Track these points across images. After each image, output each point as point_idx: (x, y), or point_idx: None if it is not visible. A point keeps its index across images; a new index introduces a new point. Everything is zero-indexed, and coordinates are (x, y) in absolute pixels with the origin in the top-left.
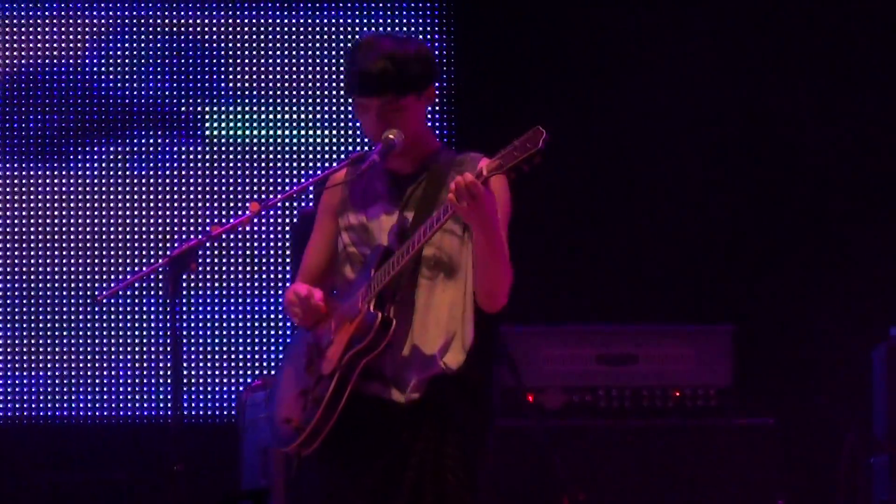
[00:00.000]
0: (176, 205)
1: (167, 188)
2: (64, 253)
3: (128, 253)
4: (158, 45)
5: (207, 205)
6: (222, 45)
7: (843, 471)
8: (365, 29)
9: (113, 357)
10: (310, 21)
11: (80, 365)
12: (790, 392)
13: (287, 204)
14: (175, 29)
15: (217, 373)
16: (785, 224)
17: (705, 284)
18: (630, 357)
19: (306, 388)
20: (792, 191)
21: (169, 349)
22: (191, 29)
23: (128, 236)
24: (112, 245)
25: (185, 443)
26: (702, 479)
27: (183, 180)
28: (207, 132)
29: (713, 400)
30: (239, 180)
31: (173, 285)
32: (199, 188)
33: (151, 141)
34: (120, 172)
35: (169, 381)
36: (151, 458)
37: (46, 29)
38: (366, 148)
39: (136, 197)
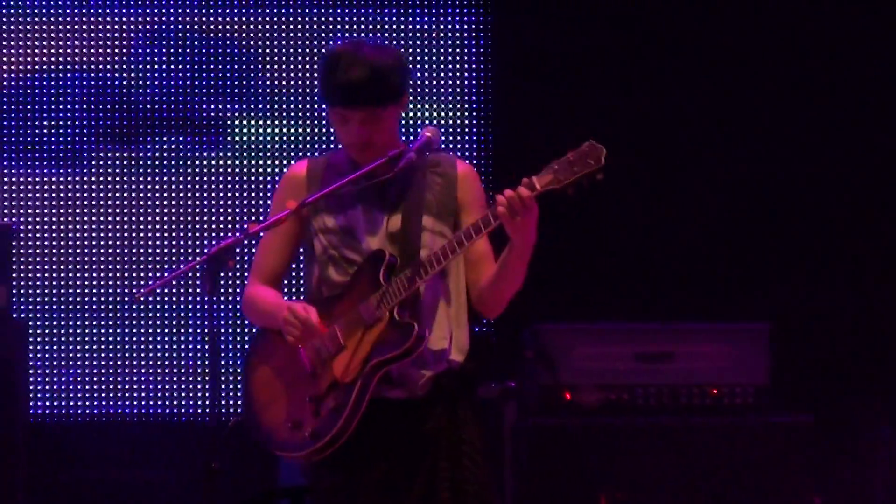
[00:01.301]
0: (214, 202)
1: (205, 186)
2: (102, 251)
3: (166, 251)
4: (189, 44)
5: (245, 202)
6: (258, 42)
7: (881, 468)
8: (395, 28)
9: (151, 354)
10: (338, 19)
11: (119, 363)
12: (827, 389)
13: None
14: (206, 28)
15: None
16: (823, 220)
17: (742, 282)
18: (667, 355)
19: (316, 395)
20: (829, 187)
21: (207, 346)
22: (216, 28)
23: (166, 234)
24: (150, 243)
25: (224, 440)
26: (739, 477)
27: (220, 178)
28: (245, 130)
29: (750, 398)
30: (277, 178)
31: (211, 283)
32: (237, 186)
33: (189, 139)
34: (158, 171)
35: (207, 378)
36: (189, 455)
37: (74, 31)
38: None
39: (174, 195)
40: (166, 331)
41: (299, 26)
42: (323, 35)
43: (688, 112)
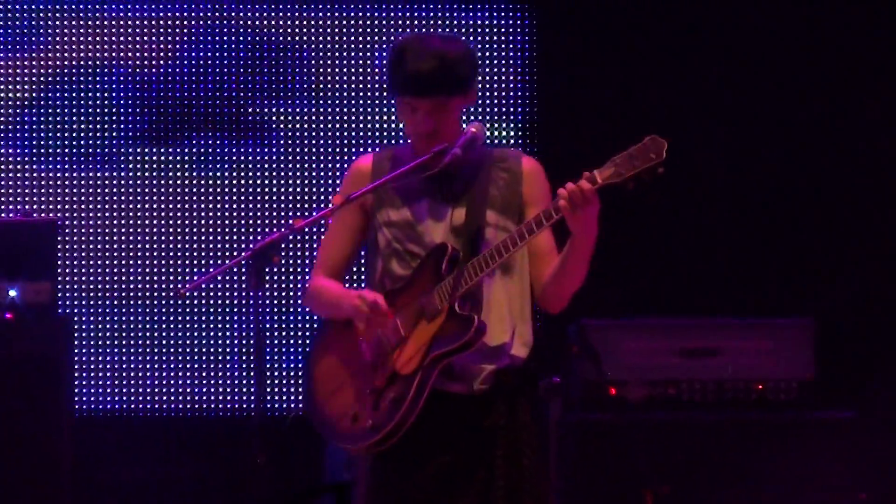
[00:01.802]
0: (259, 198)
1: (250, 182)
2: (148, 247)
3: (211, 246)
4: (234, 42)
5: (290, 198)
6: (302, 41)
7: None
8: (439, 23)
9: (196, 350)
10: (378, 15)
11: (164, 358)
12: (872, 385)
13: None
14: (252, 26)
15: (301, 365)
16: (868, 214)
17: (787, 277)
18: (712, 350)
19: (376, 387)
20: (874, 181)
21: (252, 342)
22: (262, 26)
23: (210, 229)
24: (195, 239)
25: (269, 436)
26: (783, 473)
27: (266, 174)
28: (290, 126)
29: (795, 393)
30: (322, 174)
31: (256, 278)
32: (283, 181)
33: (234, 136)
34: (203, 168)
35: (252, 373)
36: (235, 450)
37: (120, 30)
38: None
39: (219, 191)
40: (211, 326)
41: (341, 25)
42: (363, 33)
43: (730, 108)
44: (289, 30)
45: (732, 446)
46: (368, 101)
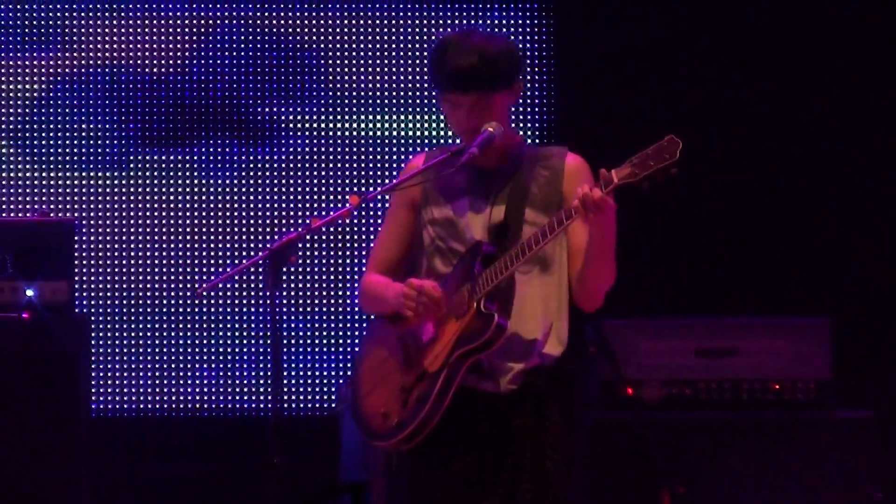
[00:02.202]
0: (276, 197)
1: (267, 182)
2: (165, 246)
3: (228, 246)
4: (248, 45)
5: (308, 197)
6: (315, 38)
7: None
8: (456, 22)
9: (213, 350)
10: (394, 14)
11: (181, 358)
12: (888, 385)
13: (387, 197)
14: (265, 28)
15: (317, 365)
16: (884, 213)
17: (803, 276)
18: (728, 350)
19: (406, 385)
20: (891, 181)
21: (269, 341)
22: (276, 28)
23: (228, 229)
24: (213, 238)
25: (285, 436)
26: (800, 472)
27: (283, 173)
28: (307, 127)
29: (811, 393)
30: (339, 174)
31: (273, 278)
32: (300, 181)
33: (251, 135)
34: (220, 166)
35: (269, 373)
36: (251, 450)
37: (131, 32)
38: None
39: (236, 191)
40: (229, 326)
41: (357, 26)
42: (381, 35)
43: (748, 107)
44: (304, 32)
45: (749, 446)
46: (386, 104)
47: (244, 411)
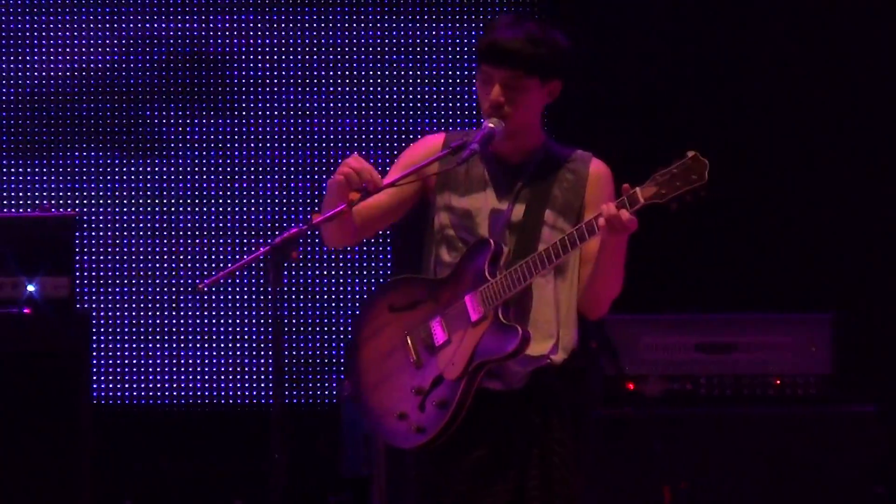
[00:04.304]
0: (277, 193)
1: (268, 177)
2: (165, 242)
3: (229, 241)
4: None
5: (308, 193)
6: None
7: None
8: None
9: (214, 345)
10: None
11: (182, 353)
12: (891, 379)
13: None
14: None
15: (319, 361)
16: (885, 208)
17: (805, 271)
18: (730, 345)
19: (421, 388)
20: (893, 177)
21: (270, 336)
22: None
23: (229, 224)
24: (214, 234)
25: (286, 431)
26: (802, 467)
27: (284, 168)
28: (307, 121)
29: (813, 388)
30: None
31: (275, 273)
32: (300, 177)
33: (253, 129)
34: (220, 161)
35: (269, 367)
36: (252, 446)
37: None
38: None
39: (236, 185)
40: (230, 321)
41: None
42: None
43: (747, 104)
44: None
45: (750, 441)
46: (392, 103)
47: (245, 407)
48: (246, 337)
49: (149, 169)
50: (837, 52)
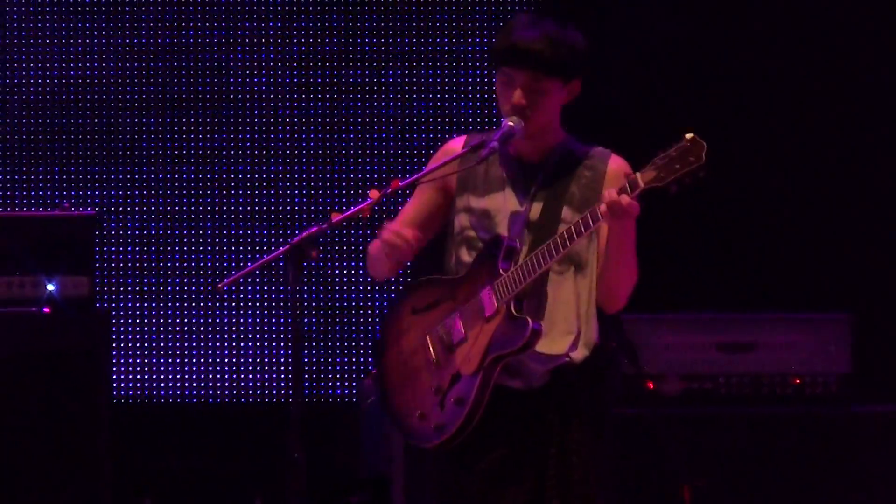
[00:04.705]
0: (297, 192)
1: (289, 176)
2: (185, 241)
3: (249, 240)
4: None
5: (329, 192)
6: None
7: None
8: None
9: (235, 344)
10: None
11: (202, 351)
12: None
13: (408, 192)
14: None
15: (338, 360)
16: None
17: (824, 271)
18: (749, 345)
19: (440, 386)
20: None
21: (290, 335)
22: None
23: (249, 223)
24: (234, 233)
25: (306, 430)
26: (821, 467)
27: (304, 167)
28: (328, 121)
29: (833, 387)
30: (360, 169)
31: (295, 272)
32: (321, 176)
33: (272, 129)
34: (241, 161)
35: (290, 367)
36: (271, 444)
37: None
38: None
39: (257, 185)
40: (249, 321)
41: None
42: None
43: (762, 102)
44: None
45: (769, 441)
46: (406, 98)
47: (265, 406)
48: (266, 335)
49: (169, 168)
50: (861, 43)
